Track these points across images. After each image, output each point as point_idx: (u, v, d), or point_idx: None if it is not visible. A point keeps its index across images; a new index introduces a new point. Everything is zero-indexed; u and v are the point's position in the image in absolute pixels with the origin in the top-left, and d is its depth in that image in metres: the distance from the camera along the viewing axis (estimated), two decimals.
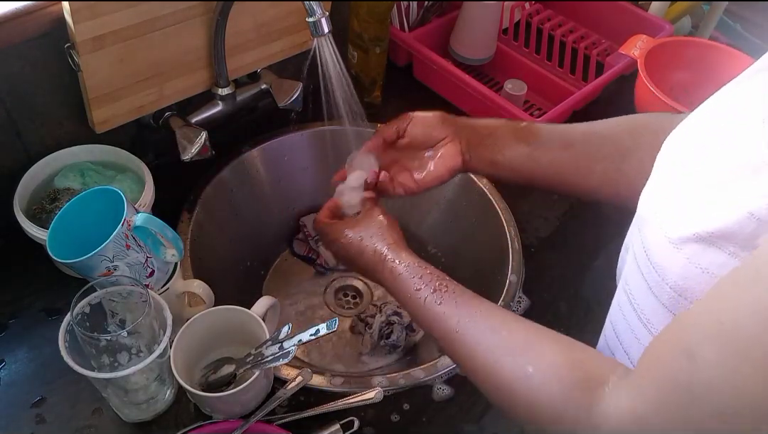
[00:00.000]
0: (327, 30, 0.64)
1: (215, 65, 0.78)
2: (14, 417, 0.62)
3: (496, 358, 0.47)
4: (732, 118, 0.41)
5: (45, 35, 0.66)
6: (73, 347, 0.55)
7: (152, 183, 0.72)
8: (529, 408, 0.45)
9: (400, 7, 1.02)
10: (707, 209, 0.38)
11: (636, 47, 0.97)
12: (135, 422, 0.62)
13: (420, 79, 1.05)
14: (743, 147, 0.37)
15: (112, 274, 0.57)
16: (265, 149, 0.91)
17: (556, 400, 0.43)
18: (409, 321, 0.85)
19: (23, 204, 0.69)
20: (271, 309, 0.67)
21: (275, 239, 0.98)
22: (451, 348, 0.51)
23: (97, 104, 0.71)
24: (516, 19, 1.15)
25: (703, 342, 0.34)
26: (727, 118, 0.42)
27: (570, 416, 0.42)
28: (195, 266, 0.76)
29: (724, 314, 0.34)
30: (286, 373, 0.67)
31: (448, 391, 0.68)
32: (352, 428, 0.63)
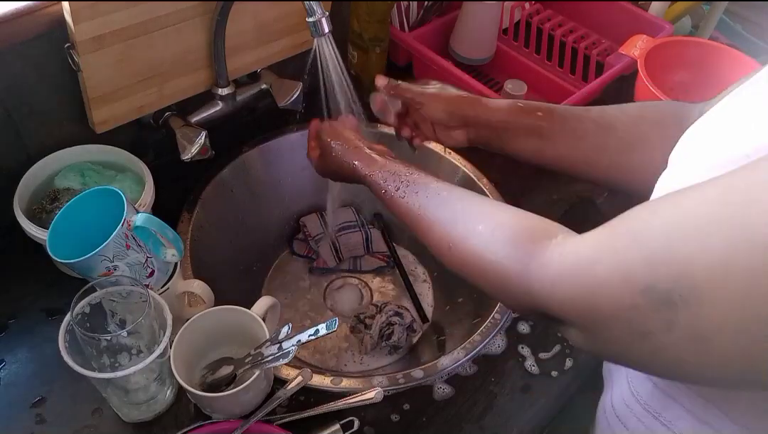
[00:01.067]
0: (327, 30, 0.64)
1: (215, 65, 0.78)
2: (14, 417, 0.62)
3: (452, 225, 0.51)
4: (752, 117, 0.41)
5: (45, 35, 0.66)
6: (73, 347, 0.55)
7: (152, 183, 0.72)
8: (478, 265, 0.47)
9: (400, 7, 1.02)
10: None
11: (636, 47, 0.97)
12: (135, 422, 0.62)
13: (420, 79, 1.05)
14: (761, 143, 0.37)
15: (112, 274, 0.57)
16: (265, 149, 0.91)
17: (501, 253, 0.45)
18: (410, 322, 0.85)
19: (23, 204, 0.69)
20: (271, 309, 0.67)
21: (275, 239, 0.98)
22: (416, 229, 0.55)
23: (97, 104, 0.71)
24: (516, 19, 1.15)
25: (666, 204, 0.36)
26: (746, 117, 0.42)
27: (514, 268, 0.43)
28: (195, 266, 0.76)
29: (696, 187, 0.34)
30: (286, 373, 0.67)
31: (449, 391, 0.68)
32: (352, 428, 0.63)
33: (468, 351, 0.70)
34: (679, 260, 0.32)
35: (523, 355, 0.72)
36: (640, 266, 0.34)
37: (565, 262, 0.40)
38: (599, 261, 0.37)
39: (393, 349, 0.85)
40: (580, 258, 0.39)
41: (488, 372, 0.70)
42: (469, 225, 0.49)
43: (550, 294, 0.40)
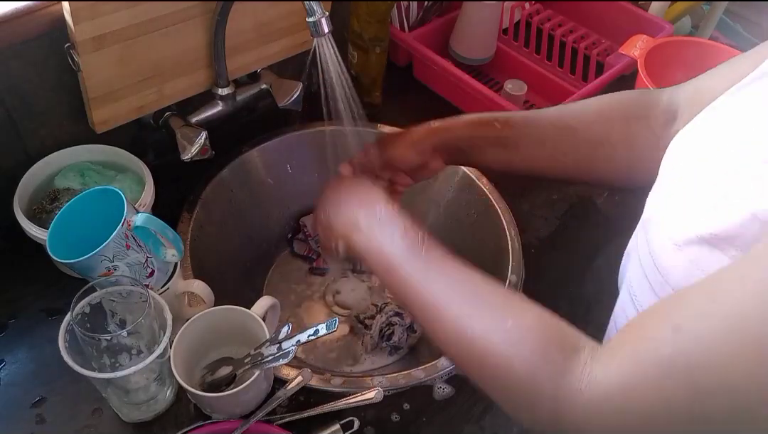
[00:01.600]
0: (327, 30, 0.64)
1: (215, 65, 0.78)
2: (14, 417, 0.62)
3: (472, 310, 0.44)
4: (737, 121, 0.41)
5: (45, 35, 0.66)
6: (73, 347, 0.55)
7: (152, 183, 0.72)
8: (504, 364, 0.41)
9: (400, 7, 1.02)
10: (711, 210, 0.38)
11: (636, 47, 0.97)
12: (135, 422, 0.62)
13: (420, 79, 1.05)
14: (748, 149, 0.37)
15: (112, 274, 0.57)
16: (265, 149, 0.91)
17: (533, 356, 0.40)
18: (410, 322, 0.85)
19: (23, 204, 0.69)
20: (271, 309, 0.67)
21: (275, 239, 0.98)
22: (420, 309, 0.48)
23: (97, 104, 0.71)
24: (516, 19, 1.15)
25: (692, 317, 0.33)
26: (732, 120, 0.42)
27: (545, 376, 0.39)
28: (195, 266, 0.76)
29: (719, 295, 0.33)
30: (286, 373, 0.67)
31: (449, 390, 0.68)
32: (352, 428, 0.63)
33: None
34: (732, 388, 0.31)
35: None
36: (682, 393, 0.33)
37: (597, 390, 0.37)
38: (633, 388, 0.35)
39: (393, 349, 0.85)
40: (611, 388, 0.36)
41: None
42: (497, 315, 0.43)
43: (584, 419, 0.37)
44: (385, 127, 0.95)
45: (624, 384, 0.35)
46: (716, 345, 0.31)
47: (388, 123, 0.96)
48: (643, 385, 0.35)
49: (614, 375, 0.36)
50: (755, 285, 0.31)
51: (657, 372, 0.34)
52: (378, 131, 0.95)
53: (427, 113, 0.99)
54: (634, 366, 0.35)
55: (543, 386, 0.39)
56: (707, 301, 0.33)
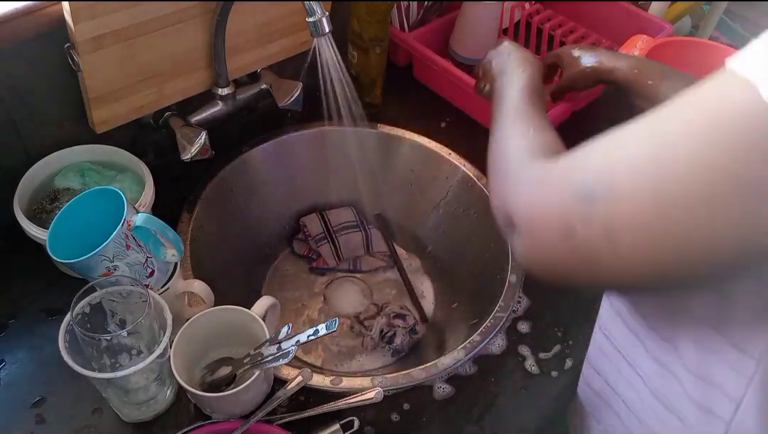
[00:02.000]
0: (327, 30, 0.64)
1: (215, 65, 0.78)
2: (14, 417, 0.62)
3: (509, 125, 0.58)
4: None
5: (45, 35, 0.66)
6: (73, 347, 0.55)
7: (152, 183, 0.72)
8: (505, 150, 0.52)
9: (400, 7, 1.02)
10: None
11: (636, 47, 0.97)
12: (135, 422, 0.62)
13: (420, 79, 1.05)
14: None
15: (112, 274, 0.57)
16: (265, 149, 0.91)
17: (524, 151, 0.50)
18: (412, 324, 0.85)
19: (23, 204, 0.69)
20: (271, 309, 0.67)
21: (275, 239, 0.98)
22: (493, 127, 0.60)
23: (97, 104, 0.71)
24: (516, 19, 1.15)
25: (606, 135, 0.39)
26: None
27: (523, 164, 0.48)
28: (195, 266, 0.76)
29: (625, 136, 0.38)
30: (286, 373, 0.67)
31: (449, 390, 0.68)
32: (352, 428, 0.63)
33: (468, 351, 0.70)
34: (603, 160, 0.37)
35: (523, 355, 0.72)
36: (578, 169, 0.38)
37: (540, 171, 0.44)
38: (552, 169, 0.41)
39: (396, 353, 0.85)
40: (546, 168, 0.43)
41: (488, 371, 0.70)
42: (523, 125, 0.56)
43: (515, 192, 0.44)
44: (385, 127, 0.96)
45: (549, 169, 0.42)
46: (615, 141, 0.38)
47: (388, 123, 0.96)
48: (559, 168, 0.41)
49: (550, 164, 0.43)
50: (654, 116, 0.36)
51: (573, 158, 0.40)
52: (378, 131, 0.95)
53: (427, 113, 1.00)
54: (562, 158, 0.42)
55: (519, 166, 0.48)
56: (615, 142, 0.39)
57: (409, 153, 0.96)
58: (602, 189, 0.35)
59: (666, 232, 0.33)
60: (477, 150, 0.95)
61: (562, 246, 0.37)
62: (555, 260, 0.39)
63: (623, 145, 0.36)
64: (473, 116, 1.00)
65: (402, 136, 0.95)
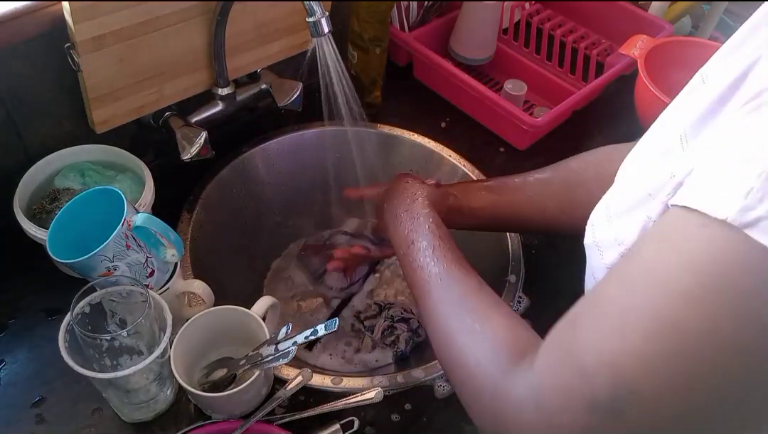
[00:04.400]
0: (327, 30, 0.64)
1: (215, 65, 0.78)
2: (14, 417, 0.62)
3: (457, 310, 0.50)
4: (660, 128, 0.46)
5: (45, 35, 0.66)
6: (73, 347, 0.55)
7: (152, 183, 0.72)
8: (461, 362, 0.46)
9: (400, 7, 1.02)
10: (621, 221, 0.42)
11: (636, 47, 0.97)
12: (135, 422, 0.62)
13: (420, 79, 1.05)
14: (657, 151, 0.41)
15: (112, 274, 0.57)
16: (265, 149, 0.91)
17: (483, 360, 0.44)
18: (416, 327, 0.85)
19: (23, 204, 0.69)
20: (271, 309, 0.67)
21: (275, 239, 0.98)
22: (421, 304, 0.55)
23: (97, 104, 0.71)
24: (516, 19, 1.15)
25: (582, 312, 0.37)
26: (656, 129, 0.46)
27: (487, 380, 0.43)
28: (195, 266, 0.76)
29: (600, 288, 0.36)
30: (286, 373, 0.67)
31: (449, 390, 0.68)
32: (352, 428, 0.63)
33: None
34: (608, 364, 0.32)
35: None
36: (578, 383, 0.34)
37: (524, 390, 0.39)
38: (544, 387, 0.37)
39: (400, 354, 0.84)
40: (532, 385, 0.38)
41: None
42: (468, 321, 0.48)
43: (515, 422, 0.39)
44: (385, 127, 0.96)
45: (536, 382, 0.38)
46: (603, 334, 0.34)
47: (388, 123, 0.96)
48: (548, 378, 0.37)
49: (532, 374, 0.38)
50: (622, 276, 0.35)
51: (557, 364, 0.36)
52: (378, 131, 0.95)
53: (427, 113, 1.00)
54: (542, 363, 0.38)
55: (485, 386, 0.43)
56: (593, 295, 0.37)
57: (409, 153, 0.96)
58: (625, 399, 0.31)
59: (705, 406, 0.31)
60: (477, 150, 0.95)
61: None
62: None
63: (620, 338, 0.32)
64: (473, 116, 1.00)
65: (402, 136, 0.95)
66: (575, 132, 0.99)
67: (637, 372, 0.31)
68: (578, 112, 1.00)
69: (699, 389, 0.30)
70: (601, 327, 0.34)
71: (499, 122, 0.96)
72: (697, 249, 0.30)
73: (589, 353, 0.34)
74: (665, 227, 0.33)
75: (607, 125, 1.00)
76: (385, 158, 0.96)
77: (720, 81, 0.37)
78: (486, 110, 0.96)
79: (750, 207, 0.28)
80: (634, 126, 0.92)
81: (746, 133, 0.31)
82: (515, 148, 0.96)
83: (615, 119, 1.01)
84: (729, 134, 0.32)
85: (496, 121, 0.96)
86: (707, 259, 0.29)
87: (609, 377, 0.32)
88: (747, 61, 0.35)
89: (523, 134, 0.94)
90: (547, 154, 0.96)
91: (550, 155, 0.96)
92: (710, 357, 0.29)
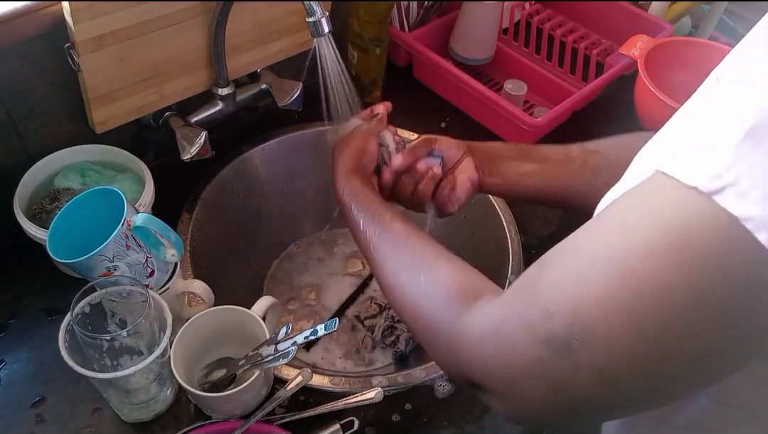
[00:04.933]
0: (327, 30, 0.64)
1: (215, 65, 0.78)
2: (14, 417, 0.62)
3: (399, 270, 0.52)
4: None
5: (45, 35, 0.66)
6: (73, 347, 0.55)
7: (152, 183, 0.72)
8: (414, 314, 0.49)
9: (400, 7, 1.02)
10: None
11: (636, 47, 0.97)
12: (135, 422, 0.62)
13: (420, 79, 1.05)
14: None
15: (112, 274, 0.57)
16: (265, 149, 0.91)
17: (435, 307, 0.46)
18: None
19: (23, 204, 0.69)
20: (271, 309, 0.67)
21: (275, 239, 0.98)
22: (369, 263, 0.56)
23: (97, 104, 0.71)
24: (516, 19, 1.15)
25: (552, 256, 0.38)
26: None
27: (443, 324, 0.45)
28: (195, 266, 0.76)
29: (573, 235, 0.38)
30: (286, 373, 0.67)
31: (449, 390, 0.68)
32: (352, 428, 0.63)
33: None
34: (569, 304, 0.35)
35: None
36: (538, 319, 0.36)
37: (484, 326, 0.41)
38: (506, 320, 0.39)
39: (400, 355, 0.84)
40: (493, 320, 0.40)
41: None
42: (413, 273, 0.51)
43: (470, 358, 0.41)
44: None
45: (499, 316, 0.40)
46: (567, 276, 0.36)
47: (388, 123, 0.96)
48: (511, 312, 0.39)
49: (495, 309, 0.41)
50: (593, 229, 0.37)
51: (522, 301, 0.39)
52: None
53: (427, 113, 1.00)
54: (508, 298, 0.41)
55: (441, 328, 0.45)
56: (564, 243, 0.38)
57: None
58: (579, 338, 0.34)
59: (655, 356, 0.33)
60: None
61: (555, 399, 0.36)
62: (548, 411, 0.38)
63: (583, 282, 0.35)
64: (473, 116, 1.00)
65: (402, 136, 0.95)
66: (575, 132, 0.99)
67: (595, 315, 0.33)
68: (578, 112, 1.00)
69: (650, 339, 0.32)
70: (567, 270, 0.36)
71: (499, 121, 0.96)
72: (668, 210, 0.32)
73: (553, 293, 0.36)
74: (644, 187, 0.34)
75: (607, 125, 1.00)
76: None
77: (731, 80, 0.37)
78: (486, 110, 0.96)
79: (718, 175, 0.29)
80: (634, 126, 0.92)
81: (722, 104, 0.32)
82: None
83: (615, 119, 1.01)
84: (710, 106, 0.34)
85: (496, 121, 0.96)
86: (676, 220, 0.31)
87: (567, 316, 0.34)
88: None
89: (523, 134, 0.94)
90: None
91: None
92: (665, 310, 0.31)
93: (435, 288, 0.48)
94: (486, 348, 0.40)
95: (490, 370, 0.40)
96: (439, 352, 0.47)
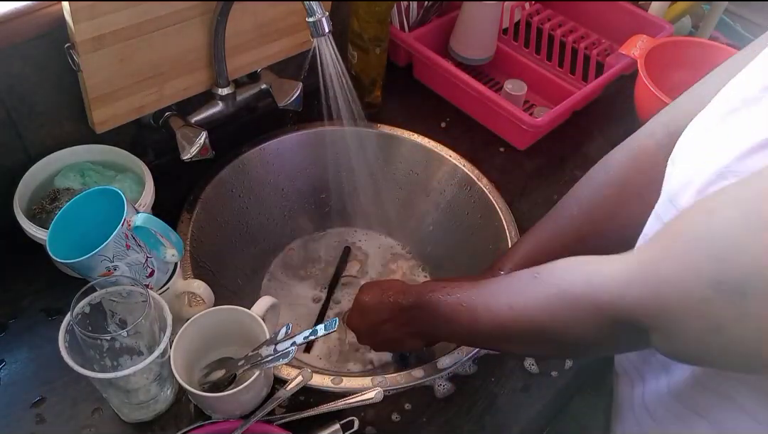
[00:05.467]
0: (327, 30, 0.64)
1: (215, 65, 0.78)
2: (14, 417, 0.62)
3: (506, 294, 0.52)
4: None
5: (45, 35, 0.66)
6: (73, 347, 0.55)
7: (152, 183, 0.72)
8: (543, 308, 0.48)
9: (400, 7, 1.02)
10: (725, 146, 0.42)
11: (636, 47, 0.97)
12: (135, 422, 0.62)
13: (420, 79, 1.05)
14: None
15: (112, 274, 0.57)
16: (265, 149, 0.91)
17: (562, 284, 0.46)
18: None
19: (23, 204, 0.69)
20: (271, 309, 0.67)
21: (275, 239, 0.98)
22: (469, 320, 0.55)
23: (97, 104, 0.71)
24: (516, 19, 1.15)
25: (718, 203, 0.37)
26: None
27: (579, 289, 0.44)
28: (195, 266, 0.76)
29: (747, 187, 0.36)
30: (286, 373, 0.67)
31: (449, 390, 0.68)
32: (352, 428, 0.63)
33: (468, 351, 0.70)
34: (750, 255, 0.33)
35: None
36: (706, 263, 0.35)
37: (631, 268, 0.41)
38: (665, 260, 0.39)
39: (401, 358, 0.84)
40: (644, 261, 0.41)
41: (488, 371, 0.70)
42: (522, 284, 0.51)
43: (619, 301, 0.41)
44: (384, 127, 0.96)
45: (655, 257, 0.40)
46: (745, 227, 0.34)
47: (388, 123, 0.96)
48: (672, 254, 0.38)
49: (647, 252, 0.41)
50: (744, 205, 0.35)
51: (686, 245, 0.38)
52: (378, 131, 0.95)
53: (427, 113, 1.00)
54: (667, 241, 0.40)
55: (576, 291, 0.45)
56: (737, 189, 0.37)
57: (409, 153, 0.96)
58: (756, 286, 0.33)
59: None
60: (477, 150, 0.95)
61: (713, 340, 0.36)
62: (706, 353, 0.38)
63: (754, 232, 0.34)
64: (473, 116, 1.00)
65: (402, 136, 0.95)
66: (575, 132, 0.99)
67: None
68: (578, 112, 1.00)
69: None
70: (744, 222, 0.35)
71: (499, 121, 0.96)
72: None
73: (727, 243, 0.35)
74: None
75: (607, 125, 1.00)
76: (385, 158, 0.96)
77: None
78: (486, 110, 0.96)
79: None
80: (634, 126, 0.92)
81: None
82: (515, 148, 0.96)
83: (615, 119, 1.01)
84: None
85: (496, 121, 0.96)
86: None
87: (747, 266, 0.33)
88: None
89: (523, 134, 0.94)
90: (547, 154, 0.96)
91: (550, 155, 0.96)
92: None
93: (551, 275, 0.48)
94: (638, 289, 0.40)
95: (646, 309, 0.40)
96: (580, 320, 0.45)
